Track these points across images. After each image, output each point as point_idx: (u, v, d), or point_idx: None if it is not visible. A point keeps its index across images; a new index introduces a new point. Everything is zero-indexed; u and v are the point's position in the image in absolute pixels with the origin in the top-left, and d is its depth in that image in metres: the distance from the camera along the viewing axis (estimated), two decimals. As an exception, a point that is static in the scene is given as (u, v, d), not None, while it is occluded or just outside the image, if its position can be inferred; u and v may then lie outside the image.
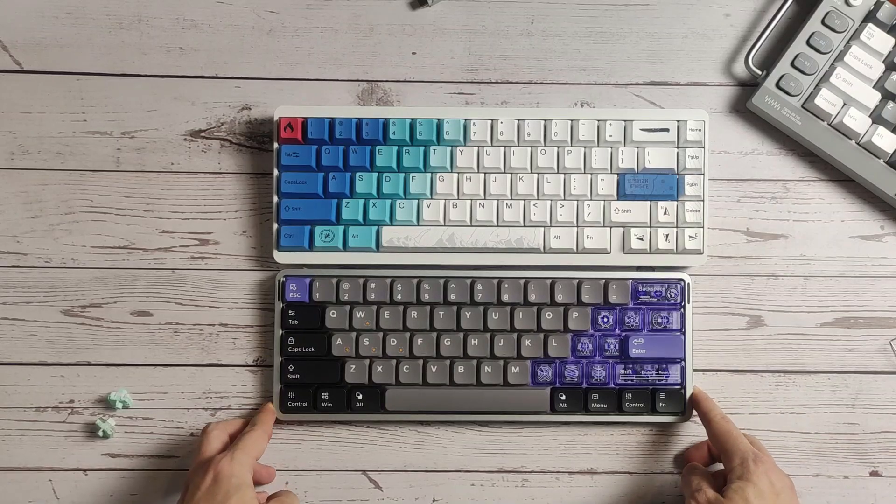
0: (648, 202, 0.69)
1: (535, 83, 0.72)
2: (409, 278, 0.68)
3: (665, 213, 0.68)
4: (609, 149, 0.69)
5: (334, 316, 0.68)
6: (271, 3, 0.72)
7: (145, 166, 0.71)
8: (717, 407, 0.66)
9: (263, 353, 0.71)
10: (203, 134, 0.71)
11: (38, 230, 0.71)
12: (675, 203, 0.69)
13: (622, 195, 0.69)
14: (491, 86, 0.72)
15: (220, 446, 0.64)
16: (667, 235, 0.68)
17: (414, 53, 0.72)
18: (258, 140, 0.71)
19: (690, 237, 0.68)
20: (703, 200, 0.69)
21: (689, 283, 0.69)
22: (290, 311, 0.68)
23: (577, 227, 0.69)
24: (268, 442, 0.67)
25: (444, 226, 0.68)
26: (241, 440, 0.64)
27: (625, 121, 0.69)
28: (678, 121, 0.69)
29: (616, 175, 0.69)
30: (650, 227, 0.69)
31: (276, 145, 0.69)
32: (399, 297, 0.68)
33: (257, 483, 0.67)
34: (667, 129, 0.68)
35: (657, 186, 0.68)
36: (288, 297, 0.68)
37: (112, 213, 0.71)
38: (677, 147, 0.69)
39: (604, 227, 0.69)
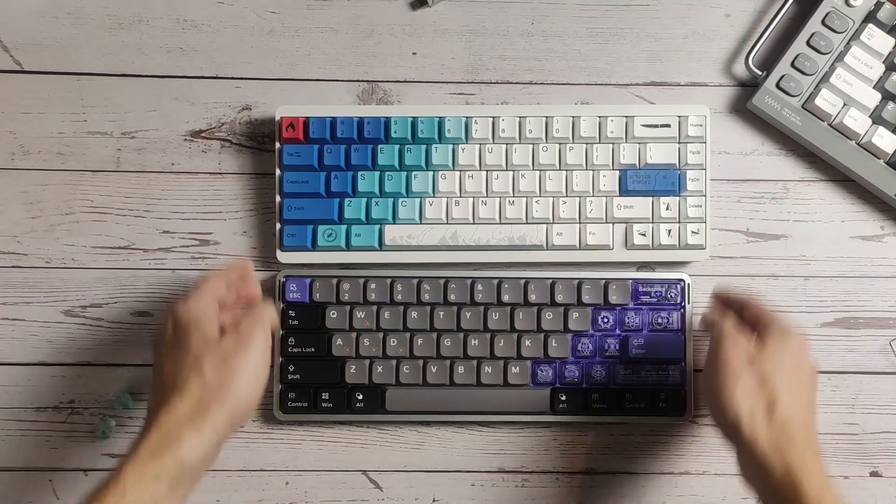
0: (650, 198, 0.69)
1: (535, 83, 0.72)
2: (409, 278, 0.68)
3: (667, 208, 0.68)
4: (610, 145, 0.69)
5: (334, 316, 0.68)
6: (271, 3, 0.72)
7: (145, 166, 0.71)
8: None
9: (264, 354, 0.71)
10: (203, 134, 0.71)
11: (38, 230, 0.71)
12: (678, 199, 0.69)
13: (624, 191, 0.69)
14: (491, 86, 0.72)
15: None
16: (669, 231, 0.68)
17: (414, 54, 0.72)
18: (258, 140, 0.71)
19: (693, 232, 0.68)
20: (704, 196, 0.69)
21: (689, 284, 0.69)
22: (290, 312, 0.68)
23: (580, 223, 0.69)
24: (224, 288, 0.61)
25: (447, 224, 0.68)
26: (197, 286, 0.60)
27: (626, 117, 0.69)
28: (679, 116, 0.69)
29: (618, 171, 0.69)
30: (652, 222, 0.69)
31: (277, 145, 0.69)
32: (399, 297, 0.68)
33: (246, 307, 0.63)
34: (668, 125, 0.68)
35: (659, 182, 0.68)
36: (288, 297, 0.68)
37: (112, 213, 0.71)
38: (679, 142, 0.69)
39: (606, 223, 0.69)
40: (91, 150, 0.71)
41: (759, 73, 0.70)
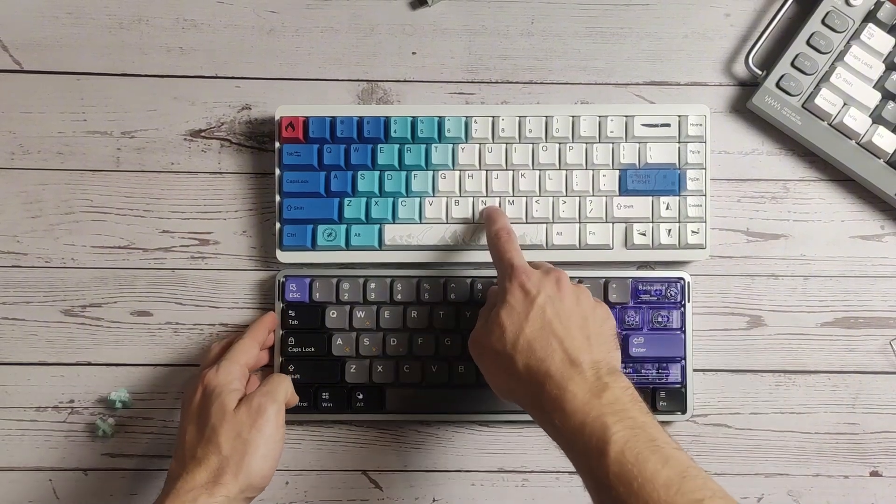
0: (650, 197, 0.69)
1: (535, 83, 0.72)
2: (409, 278, 0.68)
3: (667, 208, 0.68)
4: (610, 144, 0.69)
5: (334, 316, 0.68)
6: (271, 2, 0.72)
7: (145, 166, 0.71)
8: (502, 221, 0.63)
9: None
10: (203, 134, 0.71)
11: (38, 230, 0.71)
12: (677, 198, 0.69)
13: (624, 191, 0.69)
14: (491, 86, 0.72)
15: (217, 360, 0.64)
16: (669, 230, 0.68)
17: (414, 53, 0.72)
18: (258, 140, 0.71)
19: (693, 232, 0.68)
20: (704, 195, 0.69)
21: (689, 283, 0.69)
22: (290, 311, 0.68)
23: (580, 223, 0.69)
24: (259, 349, 0.66)
25: (447, 223, 0.68)
26: (229, 350, 0.64)
27: (626, 116, 0.69)
28: (679, 116, 0.69)
29: (618, 171, 0.69)
30: (652, 222, 0.69)
31: (277, 144, 0.69)
32: (399, 296, 0.68)
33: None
34: (668, 125, 0.68)
35: (659, 181, 0.68)
36: (288, 297, 0.68)
37: (112, 213, 0.71)
38: (679, 142, 0.69)
39: (606, 222, 0.69)
40: (91, 150, 0.71)
41: (759, 72, 0.70)
